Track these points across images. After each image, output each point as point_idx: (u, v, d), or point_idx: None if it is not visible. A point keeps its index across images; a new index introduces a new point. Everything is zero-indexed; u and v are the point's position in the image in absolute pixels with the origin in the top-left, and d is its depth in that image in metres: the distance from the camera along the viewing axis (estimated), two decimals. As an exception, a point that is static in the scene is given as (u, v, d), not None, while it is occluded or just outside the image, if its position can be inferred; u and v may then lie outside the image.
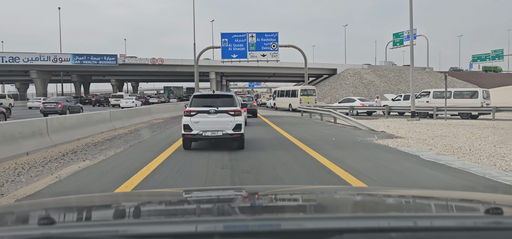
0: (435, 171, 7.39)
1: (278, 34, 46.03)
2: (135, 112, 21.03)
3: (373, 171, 7.39)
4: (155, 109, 26.11)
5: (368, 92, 65.66)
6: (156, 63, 60.45)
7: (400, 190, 3.45)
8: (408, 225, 1.21)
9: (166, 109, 28.21)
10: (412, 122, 19.14)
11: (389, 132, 14.60)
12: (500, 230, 1.18)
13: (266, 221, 1.33)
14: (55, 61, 54.90)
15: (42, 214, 1.48)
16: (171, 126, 18.88)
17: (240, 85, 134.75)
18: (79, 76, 70.23)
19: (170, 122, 21.56)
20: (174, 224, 1.28)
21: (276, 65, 66.93)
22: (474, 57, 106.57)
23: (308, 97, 38.03)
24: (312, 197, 2.04)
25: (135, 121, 19.75)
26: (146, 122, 21.11)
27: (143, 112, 22.65)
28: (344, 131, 15.56)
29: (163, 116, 25.63)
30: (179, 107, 29.94)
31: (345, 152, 9.84)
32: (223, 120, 9.89)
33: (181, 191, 2.51)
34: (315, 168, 7.74)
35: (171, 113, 27.98)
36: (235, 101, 10.39)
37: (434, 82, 72.39)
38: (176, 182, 6.61)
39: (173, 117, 25.75)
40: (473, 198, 1.98)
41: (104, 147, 11.14)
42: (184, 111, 10.26)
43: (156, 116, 24.35)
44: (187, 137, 9.97)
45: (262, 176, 7.07)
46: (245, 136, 10.50)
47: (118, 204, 1.86)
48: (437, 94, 26.98)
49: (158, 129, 17.08)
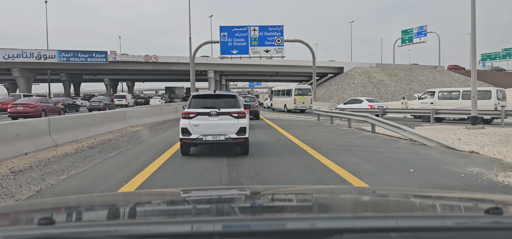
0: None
1: (283, 28, 41.42)
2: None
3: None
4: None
5: (378, 92, 61.23)
6: (149, 60, 55.77)
7: (400, 190, 3.27)
8: (408, 225, 1.20)
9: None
10: (478, 131, 14.53)
11: (478, 150, 9.88)
12: (500, 230, 1.17)
13: (266, 221, 1.32)
14: (38, 58, 50.17)
15: (42, 214, 1.49)
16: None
17: (240, 85, 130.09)
18: (69, 75, 65.16)
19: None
20: (174, 224, 1.27)
21: (280, 63, 62.44)
22: (483, 56, 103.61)
23: (303, 97, 35.16)
24: (312, 197, 2.03)
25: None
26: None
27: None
28: (407, 151, 10.14)
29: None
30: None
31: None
32: (225, 122, 9.09)
33: (181, 191, 2.58)
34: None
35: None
36: (239, 102, 9.61)
37: (447, 82, 67.83)
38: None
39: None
40: (473, 198, 1.97)
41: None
42: (182, 113, 9.47)
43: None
44: (186, 141, 9.12)
45: None
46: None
47: (118, 204, 1.84)
48: (443, 94, 23.05)
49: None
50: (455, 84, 65.73)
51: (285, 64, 63.42)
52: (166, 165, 8.07)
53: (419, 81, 67.77)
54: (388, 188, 4.48)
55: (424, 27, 76.73)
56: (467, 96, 21.15)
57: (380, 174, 7.23)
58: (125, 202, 1.88)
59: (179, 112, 26.40)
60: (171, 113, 25.97)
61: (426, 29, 75.97)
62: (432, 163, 8.30)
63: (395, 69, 72.10)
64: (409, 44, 79.53)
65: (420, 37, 76.74)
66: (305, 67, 65.56)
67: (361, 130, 16.69)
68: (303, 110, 35.78)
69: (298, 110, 35.97)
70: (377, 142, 12.21)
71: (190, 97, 9.74)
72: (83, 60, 52.01)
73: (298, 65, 64.81)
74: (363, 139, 13.30)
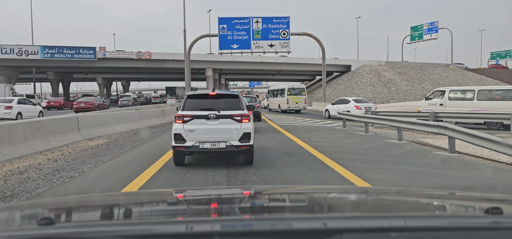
0: None
1: (289, 20, 37.08)
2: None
3: None
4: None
5: (388, 92, 56.98)
6: (142, 57, 51.31)
7: (400, 190, 3.10)
8: (408, 225, 1.19)
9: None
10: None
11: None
12: (499, 230, 1.16)
13: (266, 221, 1.31)
14: (19, 54, 45.72)
15: (42, 214, 1.48)
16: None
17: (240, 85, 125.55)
18: (57, 73, 60.46)
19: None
20: (175, 224, 1.26)
21: (283, 61, 58.11)
22: (493, 54, 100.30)
23: (297, 97, 33.17)
24: (312, 197, 2.02)
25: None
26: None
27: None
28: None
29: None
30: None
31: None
32: (226, 127, 7.92)
33: (181, 191, 2.55)
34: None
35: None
36: (242, 103, 8.38)
37: (461, 81, 63.40)
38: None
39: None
40: (473, 198, 1.97)
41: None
42: (175, 116, 8.19)
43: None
44: (179, 150, 7.92)
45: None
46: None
47: (118, 204, 1.82)
48: (456, 95, 19.31)
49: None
50: (470, 83, 61.29)
51: (289, 62, 59.08)
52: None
53: (431, 80, 63.39)
54: (388, 188, 4.44)
55: (435, 23, 72.54)
56: (484, 97, 18.07)
57: None
58: (125, 202, 1.88)
59: (166, 116, 22.19)
60: (156, 117, 21.25)
61: (437, 25, 71.74)
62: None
63: (406, 68, 67.74)
64: (418, 41, 75.32)
65: (431, 33, 72.58)
66: (309, 65, 61.21)
67: (419, 144, 11.83)
68: (298, 110, 33.44)
69: (293, 111, 33.42)
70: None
71: (185, 97, 8.55)
72: (69, 57, 47.56)
73: (303, 63, 60.47)
74: (462, 171, 7.60)
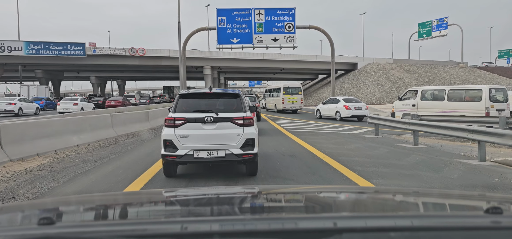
0: None
1: (295, 11, 33.67)
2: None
3: None
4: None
5: (398, 91, 53.64)
6: (136, 54, 47.87)
7: (400, 190, 3.16)
8: (408, 225, 1.19)
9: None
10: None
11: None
12: (499, 229, 1.16)
13: (266, 221, 1.31)
14: (1, 50, 42.27)
15: (42, 214, 1.48)
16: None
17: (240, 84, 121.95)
18: (45, 72, 56.85)
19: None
20: (175, 223, 1.26)
21: (287, 58, 54.69)
22: (501, 52, 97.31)
23: (292, 97, 31.88)
24: (311, 196, 2.01)
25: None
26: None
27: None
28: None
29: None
30: None
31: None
32: (225, 132, 6.62)
33: (181, 191, 2.53)
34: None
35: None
36: (244, 103, 7.08)
37: (473, 79, 60.06)
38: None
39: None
40: (473, 198, 1.97)
41: None
42: (165, 119, 6.81)
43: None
44: (170, 159, 6.62)
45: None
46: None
47: (118, 203, 1.81)
48: (430, 94, 17.80)
49: None
50: (482, 82, 57.94)
51: (292, 60, 55.69)
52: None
53: (442, 79, 60.02)
54: (388, 188, 4.42)
55: (445, 19, 69.03)
56: (454, 97, 16.48)
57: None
58: (125, 201, 1.86)
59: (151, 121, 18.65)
60: (137, 122, 17.01)
61: (447, 22, 68.26)
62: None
63: (414, 66, 64.38)
64: (427, 38, 71.85)
65: (440, 30, 69.10)
66: (314, 63, 57.85)
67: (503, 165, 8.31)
68: (295, 110, 31.64)
69: (289, 111, 31.50)
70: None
71: (177, 97, 7.10)
72: (56, 54, 44.10)
73: (307, 60, 57.04)
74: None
